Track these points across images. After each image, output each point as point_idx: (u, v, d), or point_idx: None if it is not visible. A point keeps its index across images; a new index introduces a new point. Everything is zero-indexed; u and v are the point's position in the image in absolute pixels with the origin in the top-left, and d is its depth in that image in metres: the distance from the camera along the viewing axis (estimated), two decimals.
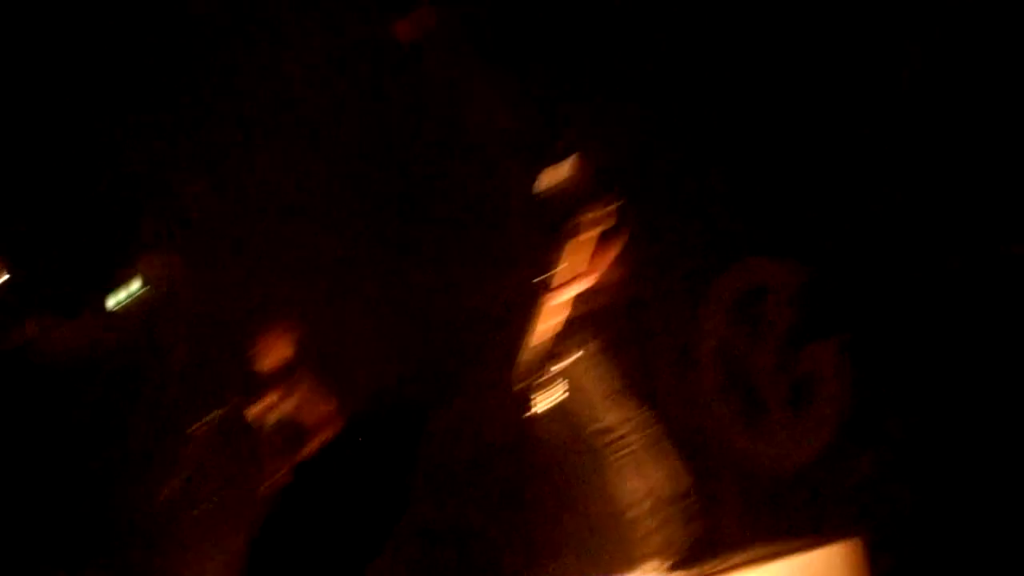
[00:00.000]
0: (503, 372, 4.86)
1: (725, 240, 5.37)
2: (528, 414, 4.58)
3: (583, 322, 4.55)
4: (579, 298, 4.55)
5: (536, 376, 4.48)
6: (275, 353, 5.75)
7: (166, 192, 6.66)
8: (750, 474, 5.27)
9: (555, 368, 4.46)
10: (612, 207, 4.49)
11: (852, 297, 5.03)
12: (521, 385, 4.57)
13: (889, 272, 4.88)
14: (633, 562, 4.58)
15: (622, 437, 4.56)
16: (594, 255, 4.53)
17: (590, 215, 4.47)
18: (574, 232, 4.48)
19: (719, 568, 4.31)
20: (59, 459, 6.18)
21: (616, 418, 4.55)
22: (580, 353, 4.55)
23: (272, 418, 5.71)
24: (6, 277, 6.47)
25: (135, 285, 6.67)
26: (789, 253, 5.23)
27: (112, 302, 6.69)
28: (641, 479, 4.56)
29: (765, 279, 5.33)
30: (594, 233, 4.48)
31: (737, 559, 4.36)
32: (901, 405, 4.89)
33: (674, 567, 4.41)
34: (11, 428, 6.04)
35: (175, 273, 6.75)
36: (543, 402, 4.46)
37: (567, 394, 4.57)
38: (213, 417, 5.91)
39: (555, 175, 4.61)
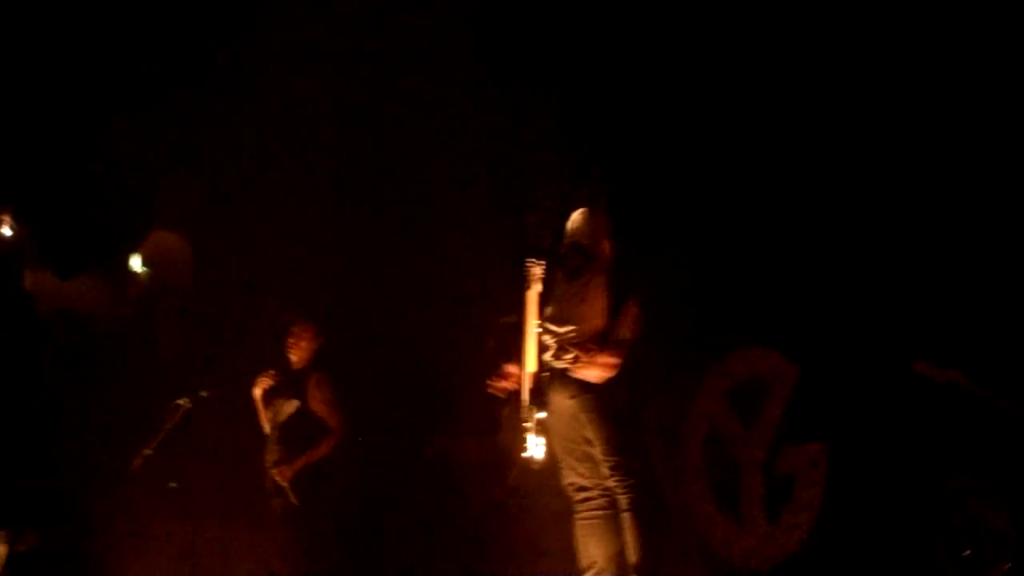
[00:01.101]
0: (493, 408, 5.02)
1: (730, 328, 5.45)
2: (512, 454, 4.62)
3: (579, 379, 4.49)
4: (578, 351, 4.47)
5: (526, 419, 4.45)
6: (299, 352, 6.01)
7: (181, 181, 6.94)
8: (716, 561, 5.33)
9: (544, 415, 4.44)
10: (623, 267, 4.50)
11: (835, 403, 5.14)
12: (511, 425, 4.64)
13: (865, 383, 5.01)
14: None
15: (595, 498, 4.54)
16: (601, 311, 4.48)
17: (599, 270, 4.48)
18: (582, 285, 4.48)
19: None
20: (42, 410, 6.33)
21: (595, 478, 4.53)
22: (572, 404, 4.49)
23: (285, 411, 5.94)
24: (15, 233, 6.77)
25: (136, 262, 7.06)
26: (787, 350, 5.34)
27: (112, 273, 6.96)
28: (604, 544, 4.53)
29: (763, 372, 5.41)
30: (603, 288, 4.47)
31: None
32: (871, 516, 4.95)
33: None
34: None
35: (177, 256, 6.94)
36: (530, 445, 4.43)
37: (554, 440, 4.54)
38: (194, 397, 6.06)
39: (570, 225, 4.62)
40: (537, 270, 4.56)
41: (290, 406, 5.91)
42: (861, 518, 5.03)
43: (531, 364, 4.51)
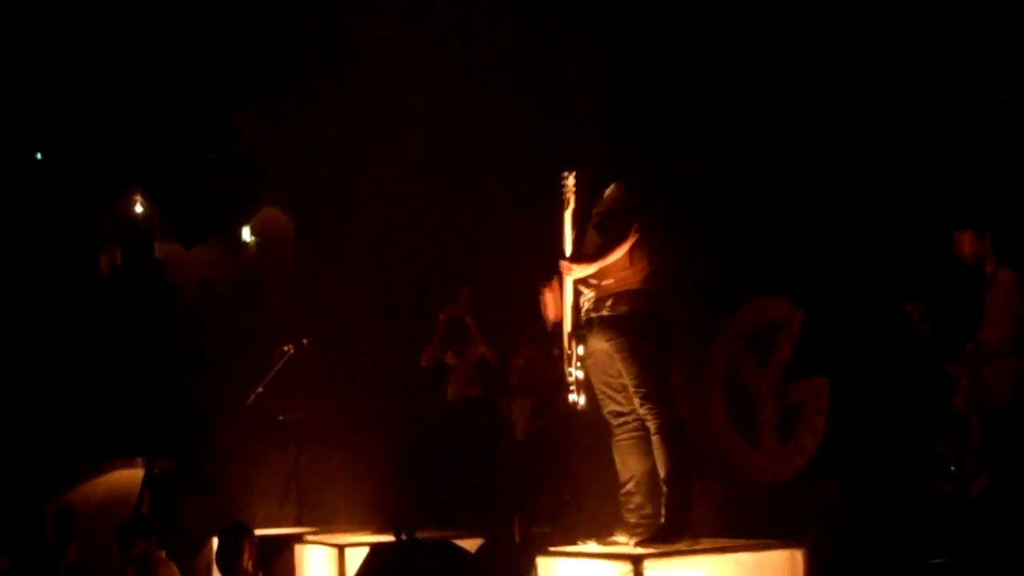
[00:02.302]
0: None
1: (746, 280, 6.15)
2: (559, 387, 5.05)
3: (619, 320, 4.95)
4: (618, 297, 4.95)
5: (569, 356, 4.95)
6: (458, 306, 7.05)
7: (286, 169, 7.92)
8: (734, 476, 6.02)
9: (583, 352, 4.93)
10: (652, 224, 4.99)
11: (836, 343, 5.79)
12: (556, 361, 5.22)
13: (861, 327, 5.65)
14: (617, 528, 5.04)
15: (630, 422, 5.05)
16: (636, 270, 4.95)
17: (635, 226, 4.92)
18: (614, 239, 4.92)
19: (682, 549, 4.82)
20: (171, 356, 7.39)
21: (629, 405, 5.04)
22: (608, 345, 4.98)
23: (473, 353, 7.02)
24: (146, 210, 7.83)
25: (246, 234, 8.00)
26: (795, 298, 6.01)
27: (226, 243, 7.99)
28: (640, 460, 5.05)
29: (774, 317, 6.11)
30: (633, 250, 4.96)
31: (700, 545, 4.87)
32: (870, 443, 5.64)
33: (647, 540, 4.85)
34: (128, 330, 7.19)
35: (280, 230, 8.00)
36: (573, 379, 4.92)
37: (594, 375, 5.03)
38: (297, 344, 7.05)
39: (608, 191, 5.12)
40: (571, 181, 4.91)
41: (475, 351, 6.97)
42: (859, 440, 5.68)
43: (569, 306, 4.97)
